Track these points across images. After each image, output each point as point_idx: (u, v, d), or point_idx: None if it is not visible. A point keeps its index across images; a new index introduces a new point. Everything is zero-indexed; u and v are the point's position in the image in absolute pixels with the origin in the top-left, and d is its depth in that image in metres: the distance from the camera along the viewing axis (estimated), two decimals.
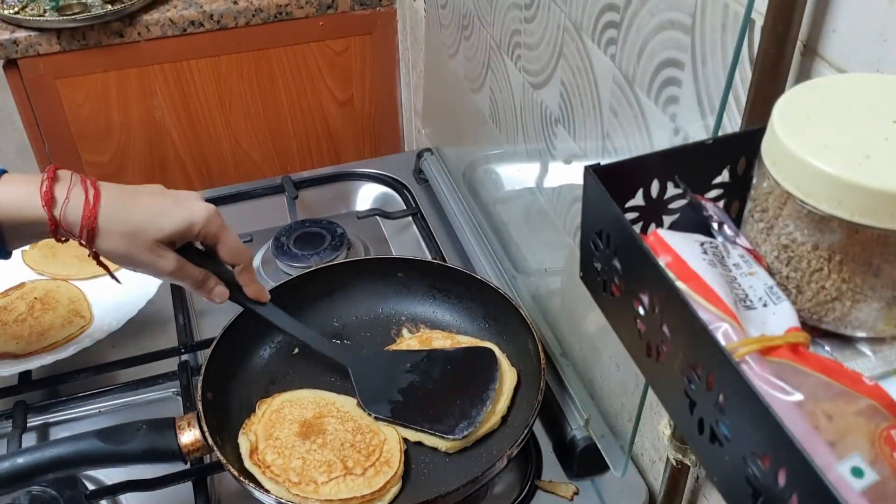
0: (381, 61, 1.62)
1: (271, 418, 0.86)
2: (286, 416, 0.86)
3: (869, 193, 0.38)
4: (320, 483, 0.79)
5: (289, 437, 0.83)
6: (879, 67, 0.49)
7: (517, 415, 0.88)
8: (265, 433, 0.84)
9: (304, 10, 1.50)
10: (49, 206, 0.71)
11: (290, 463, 0.81)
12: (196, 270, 0.80)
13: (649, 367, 0.46)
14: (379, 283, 1.02)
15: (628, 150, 0.76)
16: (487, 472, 0.78)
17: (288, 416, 0.86)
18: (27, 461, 0.74)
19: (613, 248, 0.46)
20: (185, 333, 1.03)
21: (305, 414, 0.86)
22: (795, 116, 0.42)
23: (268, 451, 0.82)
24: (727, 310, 0.41)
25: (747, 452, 0.37)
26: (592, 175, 0.46)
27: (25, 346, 0.99)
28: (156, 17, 1.42)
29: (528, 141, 1.00)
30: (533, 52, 0.93)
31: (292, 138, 1.67)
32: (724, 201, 0.52)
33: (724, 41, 0.60)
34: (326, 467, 0.80)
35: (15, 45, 1.38)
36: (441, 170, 1.29)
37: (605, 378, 0.89)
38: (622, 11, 0.72)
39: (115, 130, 1.53)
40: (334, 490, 0.78)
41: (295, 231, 1.19)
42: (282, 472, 0.80)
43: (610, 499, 0.87)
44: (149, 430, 0.79)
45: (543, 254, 1.03)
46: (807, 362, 0.40)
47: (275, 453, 0.82)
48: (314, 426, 0.85)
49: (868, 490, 0.35)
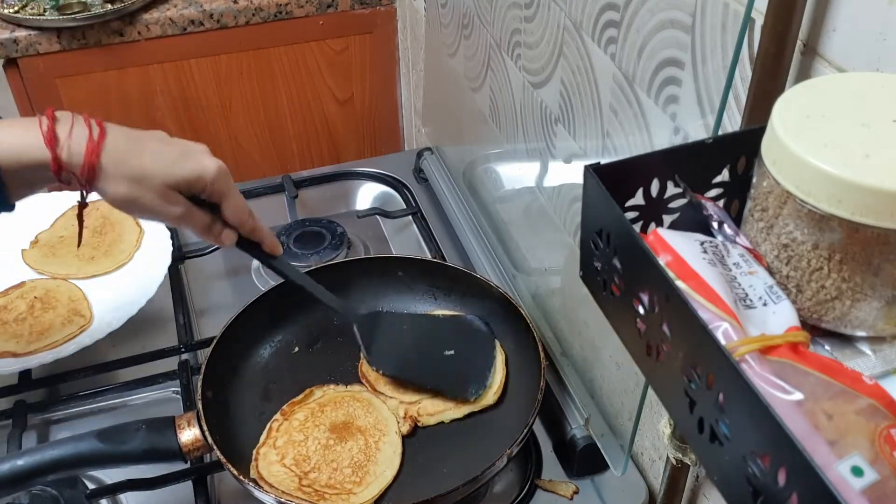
0: (380, 60, 1.62)
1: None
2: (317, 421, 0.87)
3: (869, 192, 0.38)
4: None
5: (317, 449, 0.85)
6: (879, 67, 0.49)
7: (517, 414, 0.88)
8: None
9: (304, 10, 1.50)
10: (52, 144, 0.67)
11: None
12: (204, 214, 0.76)
13: (649, 366, 0.46)
14: (379, 283, 1.02)
15: (628, 149, 0.76)
16: (487, 471, 0.78)
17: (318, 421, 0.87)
18: (27, 462, 0.74)
19: (613, 248, 0.46)
20: (185, 332, 1.03)
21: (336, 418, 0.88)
22: (795, 116, 0.42)
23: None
24: (727, 309, 0.41)
25: (747, 451, 0.37)
26: (592, 174, 0.46)
27: (25, 346, 0.99)
28: (156, 17, 1.42)
29: (528, 140, 1.00)
30: (533, 51, 0.93)
31: (292, 137, 1.67)
32: (723, 200, 0.52)
33: (725, 40, 0.60)
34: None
35: (15, 45, 1.38)
36: (441, 169, 1.29)
37: (605, 377, 0.89)
38: (622, 10, 0.72)
39: None
40: None
41: (295, 230, 1.19)
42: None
43: (610, 498, 0.87)
44: (149, 429, 0.79)
45: (543, 253, 1.03)
46: (807, 361, 0.40)
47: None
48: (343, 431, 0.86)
49: (868, 489, 0.35)
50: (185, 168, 0.72)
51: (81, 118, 0.70)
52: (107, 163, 0.69)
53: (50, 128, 0.68)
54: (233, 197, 0.77)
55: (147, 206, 0.72)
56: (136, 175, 0.70)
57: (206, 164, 0.74)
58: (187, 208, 0.74)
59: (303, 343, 0.98)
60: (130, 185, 0.70)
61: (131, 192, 0.71)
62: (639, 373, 0.73)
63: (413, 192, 1.29)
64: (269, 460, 0.83)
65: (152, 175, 0.71)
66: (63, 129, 0.68)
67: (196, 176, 0.73)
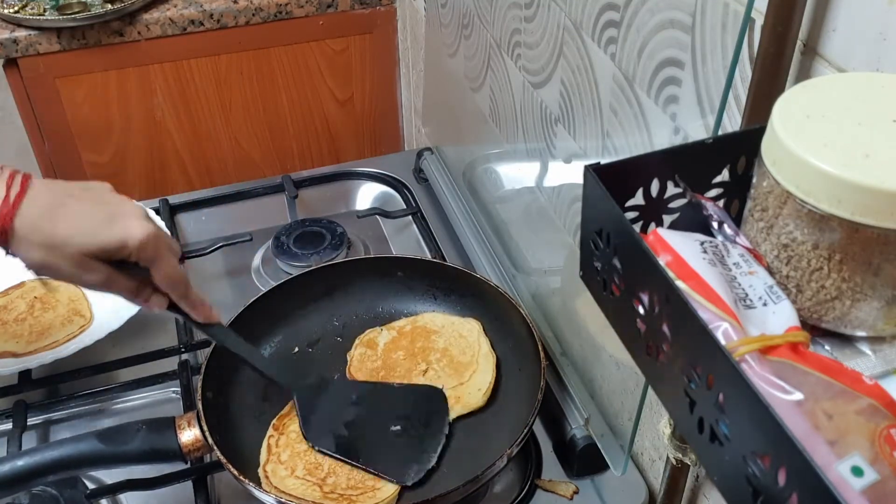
0: (380, 60, 1.62)
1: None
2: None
3: (868, 192, 0.38)
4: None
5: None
6: (879, 67, 0.49)
7: (517, 414, 0.88)
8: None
9: (304, 10, 1.50)
10: None
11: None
12: (128, 281, 0.73)
13: (649, 366, 0.46)
14: (379, 283, 1.02)
15: (628, 149, 0.76)
16: (487, 471, 0.78)
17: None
18: (27, 463, 0.74)
19: (613, 248, 0.46)
20: (185, 332, 1.03)
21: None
22: (795, 115, 0.42)
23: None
24: (727, 309, 0.41)
25: (747, 452, 0.37)
26: (592, 174, 0.46)
27: (25, 346, 0.99)
28: (156, 17, 1.42)
29: (528, 140, 1.00)
30: (533, 51, 0.93)
31: (292, 137, 1.67)
32: (723, 200, 0.52)
33: (725, 40, 0.60)
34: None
35: (15, 45, 1.38)
36: (441, 169, 1.29)
37: (605, 377, 0.89)
38: (622, 10, 0.72)
39: (115, 130, 1.53)
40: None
41: (295, 230, 1.19)
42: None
43: (610, 498, 0.87)
44: (149, 429, 0.79)
45: (543, 253, 1.03)
46: (807, 361, 0.40)
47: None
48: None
49: (868, 489, 0.35)
50: (108, 235, 0.69)
51: (5, 174, 0.67)
52: (20, 227, 0.66)
53: None
54: (163, 263, 0.73)
55: (62, 273, 0.69)
56: (49, 243, 0.67)
57: (132, 230, 0.69)
58: (107, 275, 0.70)
59: (303, 343, 0.98)
60: (43, 251, 0.67)
61: (44, 259, 0.68)
62: (639, 373, 0.73)
63: (413, 192, 1.29)
64: (279, 476, 0.82)
65: (67, 243, 0.67)
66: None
67: (118, 244, 0.69)
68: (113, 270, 0.71)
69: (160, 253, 0.72)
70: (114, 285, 0.72)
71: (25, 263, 0.69)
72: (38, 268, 0.69)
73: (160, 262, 0.72)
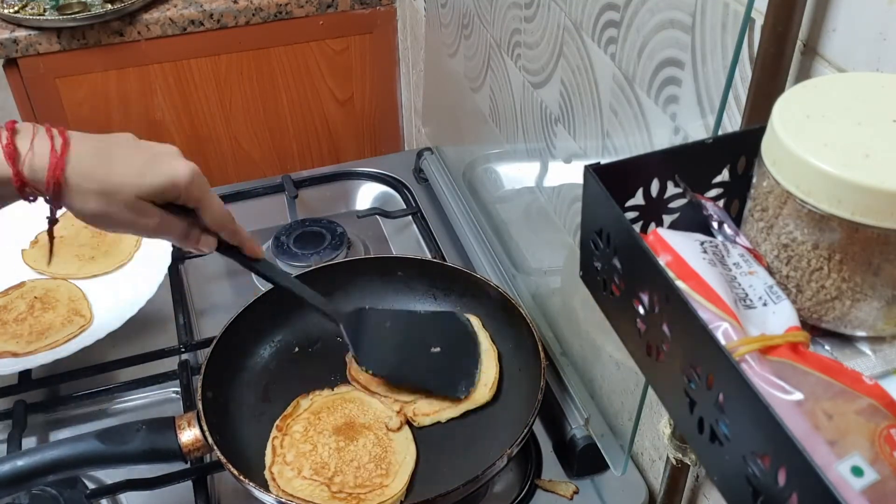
0: (380, 60, 1.62)
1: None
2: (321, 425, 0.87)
3: (868, 192, 0.38)
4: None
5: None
6: (879, 67, 0.49)
7: (517, 414, 0.88)
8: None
9: (304, 10, 1.50)
10: (13, 159, 0.62)
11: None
12: (179, 222, 0.71)
13: (649, 366, 0.46)
14: (379, 283, 1.02)
15: (628, 149, 0.76)
16: (487, 471, 0.78)
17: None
18: (27, 463, 0.74)
19: (613, 248, 0.46)
20: (185, 333, 1.03)
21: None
22: (795, 115, 0.42)
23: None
24: (727, 309, 0.41)
25: (747, 452, 0.37)
26: (592, 174, 0.46)
27: (25, 346, 0.99)
28: (156, 17, 1.42)
29: (528, 140, 1.00)
30: (533, 51, 0.93)
31: (292, 137, 1.67)
32: (723, 200, 0.52)
33: (725, 40, 0.60)
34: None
35: (15, 45, 1.38)
36: (441, 169, 1.29)
37: (605, 377, 0.89)
38: (622, 10, 0.72)
39: (115, 129, 1.49)
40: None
41: (295, 230, 1.19)
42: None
43: (610, 498, 0.87)
44: (149, 429, 0.79)
45: (543, 253, 1.03)
46: (807, 361, 0.40)
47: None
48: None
49: (868, 489, 0.35)
50: (157, 176, 0.67)
51: (43, 129, 0.65)
52: (72, 177, 0.64)
53: (10, 141, 0.63)
54: (210, 200, 0.72)
55: (119, 220, 0.68)
56: (104, 189, 0.66)
57: (178, 169, 0.68)
58: (161, 218, 0.69)
59: (303, 343, 0.98)
60: (99, 200, 0.66)
61: (101, 208, 0.66)
62: (639, 373, 0.73)
63: (413, 192, 1.29)
64: (286, 477, 0.82)
65: (121, 188, 0.66)
66: (24, 141, 0.64)
67: (169, 183, 0.68)
68: (165, 213, 0.70)
69: (205, 190, 0.71)
70: (167, 228, 0.70)
71: (79, 215, 0.67)
72: (94, 217, 0.67)
73: (207, 200, 0.72)
